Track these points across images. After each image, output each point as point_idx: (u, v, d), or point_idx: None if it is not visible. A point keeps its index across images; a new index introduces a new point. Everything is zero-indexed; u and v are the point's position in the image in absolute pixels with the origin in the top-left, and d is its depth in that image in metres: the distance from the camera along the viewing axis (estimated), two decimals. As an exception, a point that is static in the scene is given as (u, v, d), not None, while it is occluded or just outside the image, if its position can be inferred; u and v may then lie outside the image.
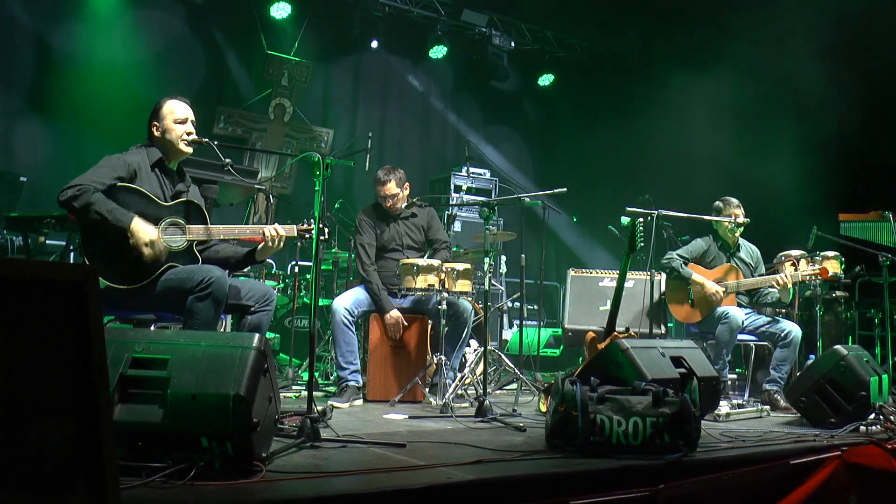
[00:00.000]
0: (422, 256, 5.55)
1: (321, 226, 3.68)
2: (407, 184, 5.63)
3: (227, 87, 9.38)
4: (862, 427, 4.23)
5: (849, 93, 7.95)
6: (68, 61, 7.98)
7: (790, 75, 8.49)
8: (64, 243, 5.82)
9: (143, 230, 3.73)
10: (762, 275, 6.04)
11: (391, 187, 5.51)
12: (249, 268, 6.23)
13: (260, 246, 4.08)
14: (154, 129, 4.05)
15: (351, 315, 5.24)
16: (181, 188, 4.13)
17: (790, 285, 5.70)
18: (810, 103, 8.32)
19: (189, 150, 4.07)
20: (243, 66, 9.52)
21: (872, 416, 4.31)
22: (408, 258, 5.35)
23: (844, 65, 7.91)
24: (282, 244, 4.09)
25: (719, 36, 8.69)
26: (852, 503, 3.67)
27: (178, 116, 4.03)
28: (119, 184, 3.79)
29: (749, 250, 6.18)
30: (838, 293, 6.96)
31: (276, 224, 4.07)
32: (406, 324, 5.37)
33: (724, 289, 5.82)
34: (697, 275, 5.94)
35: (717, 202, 6.14)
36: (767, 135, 8.48)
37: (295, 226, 4.20)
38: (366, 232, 5.58)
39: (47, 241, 5.83)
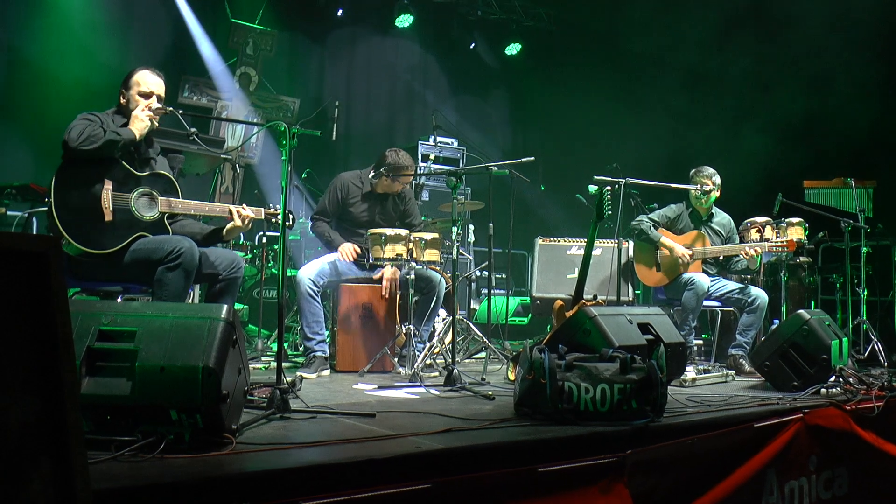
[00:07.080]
0: None
1: (287, 211, 3.67)
2: None
3: (192, 56, 9.19)
4: (823, 389, 4.31)
5: (810, 63, 8.02)
6: (29, 27, 7.77)
7: (756, 46, 8.53)
8: (25, 214, 5.72)
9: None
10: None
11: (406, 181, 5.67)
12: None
13: (229, 225, 4.10)
14: (121, 96, 4.04)
15: (315, 286, 5.23)
16: (150, 154, 4.10)
17: (756, 255, 5.76)
18: (775, 73, 8.39)
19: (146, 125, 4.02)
20: (207, 34, 9.34)
21: (833, 378, 4.40)
22: None
23: (802, 37, 7.98)
24: (250, 225, 4.15)
25: (685, 4, 8.69)
26: (812, 464, 3.76)
27: (143, 90, 4.00)
28: None
29: (722, 220, 6.22)
30: (802, 259, 7.06)
31: (244, 205, 4.10)
32: (359, 250, 5.40)
33: (691, 252, 5.87)
34: (666, 238, 5.98)
35: (693, 170, 6.16)
36: (734, 103, 8.52)
37: (262, 209, 4.25)
38: (331, 197, 5.61)
39: (7, 212, 5.73)
